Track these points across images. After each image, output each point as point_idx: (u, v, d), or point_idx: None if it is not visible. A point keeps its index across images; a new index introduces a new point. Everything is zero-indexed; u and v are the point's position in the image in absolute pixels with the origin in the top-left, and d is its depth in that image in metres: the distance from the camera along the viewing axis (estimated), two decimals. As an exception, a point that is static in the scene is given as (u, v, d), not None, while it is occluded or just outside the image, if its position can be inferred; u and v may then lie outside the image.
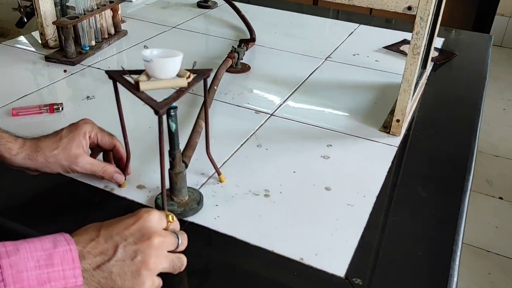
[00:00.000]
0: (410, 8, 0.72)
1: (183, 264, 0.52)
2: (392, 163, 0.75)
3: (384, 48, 1.20)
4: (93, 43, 1.10)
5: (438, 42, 1.23)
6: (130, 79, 0.56)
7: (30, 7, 1.13)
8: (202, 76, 0.58)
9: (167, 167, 0.59)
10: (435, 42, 0.96)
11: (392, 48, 1.20)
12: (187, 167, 0.64)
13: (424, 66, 0.96)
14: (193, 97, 0.91)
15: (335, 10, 1.53)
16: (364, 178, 0.72)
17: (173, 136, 0.58)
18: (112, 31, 1.17)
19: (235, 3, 1.37)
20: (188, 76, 0.55)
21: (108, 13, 1.13)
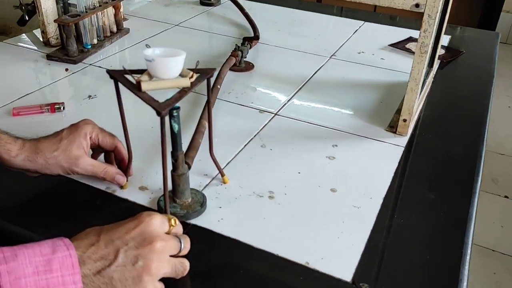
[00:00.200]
0: (417, 5, 0.70)
1: (185, 268, 0.51)
2: (399, 164, 0.74)
3: (390, 46, 1.18)
4: (95, 41, 1.08)
5: (444, 40, 1.21)
6: (131, 79, 0.54)
7: (32, 5, 1.11)
8: (205, 75, 0.56)
9: (169, 168, 0.58)
10: (442, 40, 0.95)
11: (397, 46, 1.18)
12: (190, 168, 0.62)
13: (431, 65, 0.94)
14: (196, 96, 0.90)
15: (339, 7, 1.52)
16: (370, 179, 0.70)
17: (175, 137, 0.57)
18: (114, 29, 1.16)
19: (238, 1, 1.35)
20: (191, 76, 0.54)
21: (110, 10, 1.12)
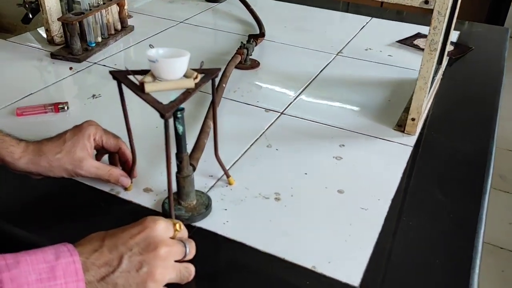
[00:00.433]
0: (427, 2, 0.69)
1: (191, 274, 0.50)
2: (407, 164, 0.73)
3: (398, 42, 1.17)
4: (99, 39, 1.08)
5: (453, 36, 1.19)
6: (135, 80, 0.53)
7: (35, 3, 1.11)
8: (210, 76, 0.55)
9: (174, 170, 0.57)
10: (451, 36, 0.93)
11: (405, 42, 1.16)
12: (195, 170, 0.62)
13: (440, 62, 0.92)
14: (201, 95, 0.89)
15: (345, 3, 1.50)
16: (378, 180, 0.69)
17: (180, 139, 0.56)
18: (119, 26, 1.15)
19: (243, -3, 1.34)
20: (196, 77, 0.53)
21: (114, 8, 1.11)
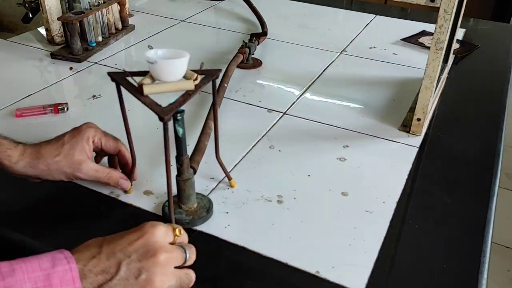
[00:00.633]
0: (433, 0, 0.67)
1: (191, 280, 0.48)
2: (413, 165, 0.71)
3: (402, 40, 1.15)
4: (100, 38, 1.06)
5: (459, 34, 1.18)
6: (133, 82, 0.52)
7: (35, 2, 1.09)
8: (210, 77, 0.54)
9: (174, 173, 0.56)
10: (457, 34, 0.91)
11: (410, 40, 1.15)
12: (195, 172, 0.60)
13: (446, 60, 0.91)
14: (201, 95, 0.87)
15: (349, 0, 1.48)
16: (383, 182, 0.68)
17: (180, 141, 0.54)
18: (120, 25, 1.13)
19: (246, -5, 1.32)
20: (196, 78, 0.52)
21: (115, 7, 1.10)
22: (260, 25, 1.18)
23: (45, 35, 1.08)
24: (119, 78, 0.53)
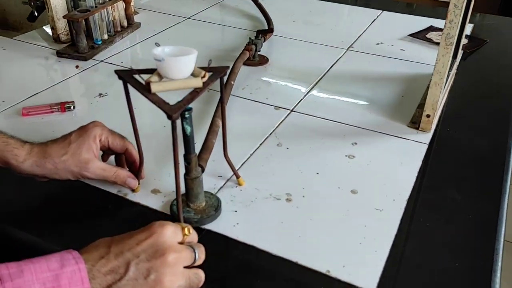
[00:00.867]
0: (442, -6, 0.66)
1: (200, 280, 0.48)
2: (423, 162, 0.70)
3: (410, 36, 1.14)
4: (105, 36, 1.06)
5: (467, 29, 1.16)
6: (141, 80, 0.52)
7: (41, 1, 1.09)
8: (218, 74, 0.53)
9: (182, 172, 0.56)
10: (466, 29, 0.90)
11: (418, 35, 1.13)
12: (203, 171, 0.60)
13: (455, 56, 0.89)
14: (208, 93, 0.87)
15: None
16: (392, 179, 0.67)
17: (188, 139, 0.54)
18: (125, 23, 1.13)
19: (251, -9, 1.31)
20: (203, 76, 0.51)
21: (120, 5, 1.09)
22: (266, 21, 1.17)
23: (50, 34, 1.08)
24: (126, 76, 0.52)
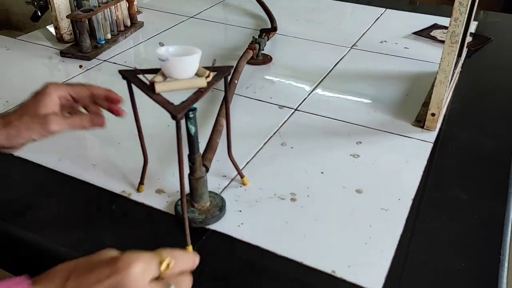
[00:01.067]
0: (448, -8, 0.65)
1: None
2: (428, 161, 0.70)
3: (414, 33, 1.13)
4: (108, 36, 1.06)
5: (471, 26, 1.16)
6: (145, 80, 0.51)
7: (44, 0, 1.09)
8: (223, 74, 0.53)
9: (186, 172, 0.55)
10: (471, 27, 0.90)
11: (422, 33, 1.13)
12: (208, 171, 0.60)
13: (460, 54, 0.89)
14: (212, 92, 0.86)
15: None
16: (397, 178, 0.66)
17: (192, 139, 0.54)
18: (128, 23, 1.13)
19: (254, -10, 1.31)
20: (208, 75, 0.51)
21: (123, 4, 1.09)
22: (269, 20, 1.17)
23: (54, 33, 1.08)
24: (130, 76, 0.52)
